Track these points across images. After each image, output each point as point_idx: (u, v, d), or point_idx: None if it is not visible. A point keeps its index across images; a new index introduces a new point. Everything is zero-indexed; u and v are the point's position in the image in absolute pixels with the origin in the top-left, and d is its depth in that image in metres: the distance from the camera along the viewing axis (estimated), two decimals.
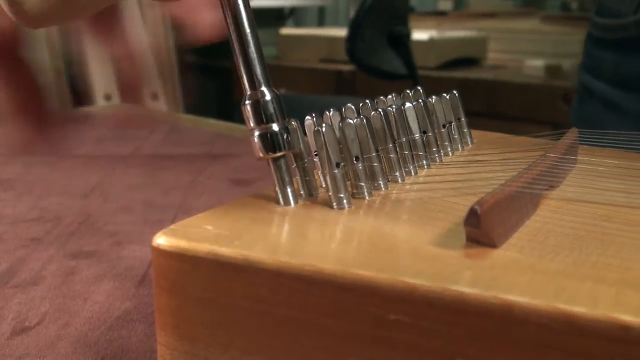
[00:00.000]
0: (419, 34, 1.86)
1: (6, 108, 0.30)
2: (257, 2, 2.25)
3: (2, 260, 0.43)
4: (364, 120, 0.28)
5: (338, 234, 0.24)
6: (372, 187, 0.28)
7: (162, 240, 0.23)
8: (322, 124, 0.27)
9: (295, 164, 0.28)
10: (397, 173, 0.30)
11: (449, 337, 0.19)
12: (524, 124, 1.63)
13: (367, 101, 0.32)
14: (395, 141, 0.30)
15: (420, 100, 0.32)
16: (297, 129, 0.28)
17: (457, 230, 0.23)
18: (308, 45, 2.23)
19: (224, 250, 0.22)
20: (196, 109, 1.83)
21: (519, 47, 2.09)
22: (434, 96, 0.34)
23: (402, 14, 1.63)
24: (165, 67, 2.11)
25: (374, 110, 0.29)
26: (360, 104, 0.31)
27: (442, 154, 0.33)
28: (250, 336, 0.22)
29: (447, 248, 0.22)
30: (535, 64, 1.82)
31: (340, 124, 0.27)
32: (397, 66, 1.62)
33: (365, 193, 0.27)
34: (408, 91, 0.34)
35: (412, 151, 0.31)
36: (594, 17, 0.62)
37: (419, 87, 0.34)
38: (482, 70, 1.99)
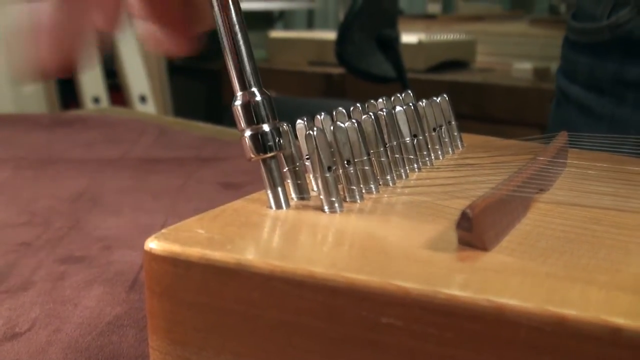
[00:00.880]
0: (408, 37, 1.87)
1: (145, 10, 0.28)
2: (246, 5, 2.25)
3: None
4: (355, 124, 0.28)
5: (330, 237, 0.24)
6: (364, 191, 0.28)
7: (154, 244, 0.23)
8: (314, 127, 0.27)
9: (286, 167, 0.28)
10: (389, 176, 0.30)
11: (440, 340, 0.19)
12: (513, 126, 1.64)
13: (358, 105, 0.32)
14: (386, 145, 0.30)
15: (410, 104, 0.32)
16: (288, 132, 0.28)
17: (448, 233, 0.23)
18: (297, 48, 2.23)
19: (216, 255, 0.22)
20: (185, 112, 1.83)
21: (507, 50, 2.11)
22: (424, 100, 0.34)
23: (391, 17, 1.64)
24: (154, 69, 2.10)
25: (365, 114, 0.29)
26: (352, 108, 0.31)
27: (433, 157, 0.34)
28: (243, 340, 0.22)
29: (439, 251, 0.22)
30: (523, 67, 1.83)
31: (332, 127, 0.27)
32: (386, 69, 1.63)
33: (357, 196, 0.27)
34: (399, 95, 0.34)
35: (403, 155, 0.31)
36: (570, 21, 0.62)
37: (409, 91, 0.34)
38: (471, 73, 1.99)
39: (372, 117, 0.29)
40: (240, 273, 0.21)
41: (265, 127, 0.27)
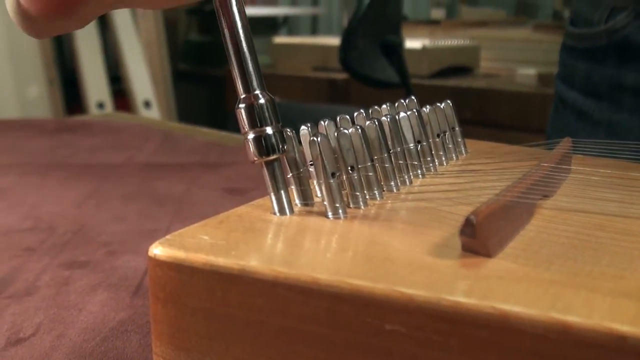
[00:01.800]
0: (412, 43, 1.87)
1: None
2: (250, 11, 2.25)
3: None
4: (359, 130, 0.28)
5: (334, 243, 0.24)
6: (368, 197, 0.28)
7: (158, 250, 0.23)
8: (318, 133, 0.27)
9: (290, 173, 0.28)
10: (392, 183, 0.30)
11: (445, 347, 0.19)
12: (516, 132, 1.64)
13: (362, 111, 0.32)
14: (390, 151, 0.30)
15: (414, 110, 0.32)
16: (292, 138, 0.28)
17: (452, 240, 0.23)
18: (301, 54, 2.24)
19: (220, 261, 0.22)
20: (190, 117, 1.83)
21: (511, 56, 2.11)
22: (428, 106, 0.34)
23: (395, 23, 1.64)
24: (158, 75, 2.11)
25: (368, 120, 0.30)
26: (355, 114, 0.31)
27: (437, 163, 0.34)
28: (246, 346, 0.22)
29: (443, 258, 0.22)
30: (527, 73, 1.83)
31: (336, 133, 0.27)
32: (390, 75, 1.63)
33: (361, 203, 0.27)
34: (402, 101, 0.34)
35: (407, 161, 0.31)
36: (567, 26, 0.62)
37: (413, 97, 0.34)
38: (475, 78, 1.99)
39: (376, 123, 0.29)
40: (244, 279, 0.21)
41: (269, 130, 0.27)
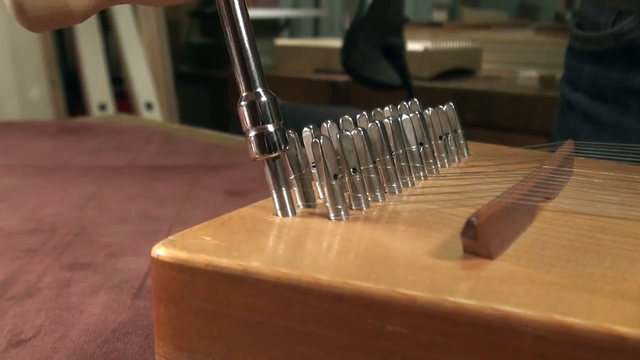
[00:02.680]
0: (414, 45, 1.87)
1: None
2: (252, 13, 2.25)
3: None
4: (362, 132, 0.28)
5: (335, 245, 0.24)
6: (370, 199, 0.28)
7: (161, 251, 0.23)
8: (320, 135, 0.27)
9: (293, 175, 0.28)
10: (394, 184, 0.30)
11: (446, 348, 0.19)
12: (518, 134, 1.64)
13: (364, 113, 0.32)
14: (392, 153, 0.30)
15: (417, 112, 0.32)
16: (294, 139, 0.28)
17: (454, 241, 0.23)
18: (303, 56, 2.24)
19: (223, 262, 0.22)
20: (191, 119, 1.83)
21: (513, 58, 2.11)
22: (430, 108, 0.34)
23: (396, 25, 1.64)
24: (160, 77, 2.11)
25: (371, 122, 0.30)
26: (358, 116, 0.32)
27: (439, 165, 0.34)
28: (249, 347, 0.22)
29: (444, 259, 0.22)
30: (529, 75, 1.83)
31: (338, 135, 0.27)
32: (392, 77, 1.63)
33: (363, 204, 0.27)
34: (405, 103, 0.34)
35: (409, 163, 0.31)
36: (574, 29, 0.62)
37: (415, 99, 0.34)
38: (477, 81, 1.99)
39: (379, 125, 0.29)
40: (246, 280, 0.21)
41: (270, 128, 0.27)
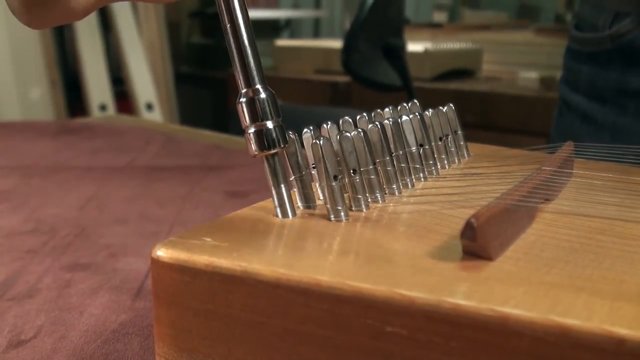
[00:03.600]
0: (414, 46, 1.87)
1: None
2: (252, 14, 2.25)
3: None
4: (362, 133, 0.28)
5: (335, 246, 0.24)
6: (370, 200, 0.28)
7: (161, 252, 0.23)
8: (320, 136, 0.27)
9: (293, 176, 0.28)
10: (394, 186, 0.30)
11: (445, 349, 0.19)
12: (518, 135, 1.64)
13: (365, 114, 0.32)
14: (393, 154, 0.30)
15: (417, 113, 0.32)
16: (294, 140, 0.28)
17: (453, 242, 0.23)
18: (303, 57, 2.24)
19: (223, 262, 0.22)
20: (192, 120, 1.83)
21: (513, 59, 2.11)
22: (430, 109, 0.34)
23: (397, 26, 1.64)
24: (161, 77, 2.11)
25: (371, 123, 0.30)
26: (358, 117, 0.32)
27: (439, 166, 0.34)
28: (249, 347, 0.22)
29: (444, 260, 0.22)
30: (529, 76, 1.83)
31: (338, 137, 0.27)
32: (392, 78, 1.63)
33: (363, 205, 0.28)
34: (405, 104, 0.34)
35: (409, 164, 0.31)
36: (572, 30, 0.63)
37: (415, 100, 0.34)
38: (477, 82, 1.99)
39: (379, 126, 0.29)
40: (246, 281, 0.22)
41: (269, 124, 0.27)
